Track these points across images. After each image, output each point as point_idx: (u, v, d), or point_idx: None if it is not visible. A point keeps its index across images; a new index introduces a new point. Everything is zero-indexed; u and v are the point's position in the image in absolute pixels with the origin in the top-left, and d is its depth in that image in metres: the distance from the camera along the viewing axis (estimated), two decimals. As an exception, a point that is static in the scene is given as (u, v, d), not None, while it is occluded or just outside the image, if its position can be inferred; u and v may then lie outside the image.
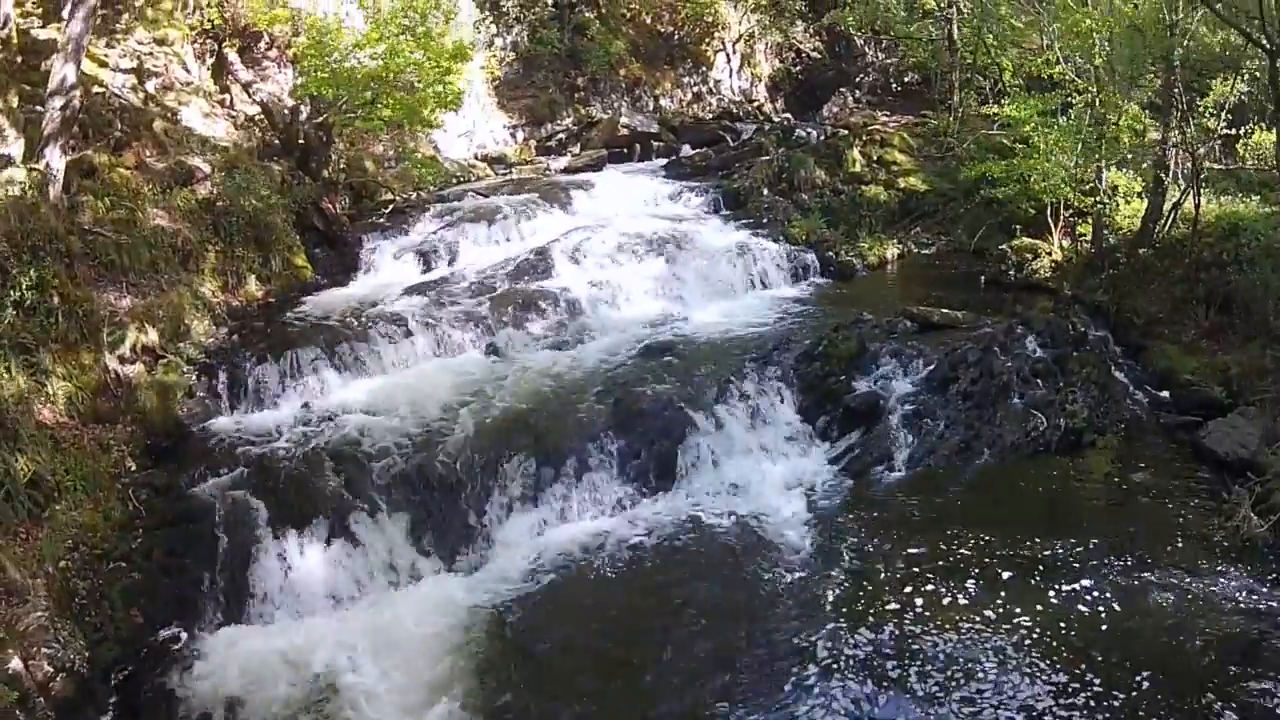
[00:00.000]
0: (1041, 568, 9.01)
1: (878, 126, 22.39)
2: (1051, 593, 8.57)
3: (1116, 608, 8.35)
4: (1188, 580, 8.84)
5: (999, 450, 10.99)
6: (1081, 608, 8.37)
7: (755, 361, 11.74)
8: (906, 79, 26.17)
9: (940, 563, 9.03)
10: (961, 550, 9.27)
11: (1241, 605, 8.38)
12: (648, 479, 10.32)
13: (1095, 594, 8.59)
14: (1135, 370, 13.52)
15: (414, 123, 16.50)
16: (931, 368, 11.80)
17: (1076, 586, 8.79)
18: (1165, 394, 12.72)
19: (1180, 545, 9.39)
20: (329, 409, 11.49)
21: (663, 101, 26.21)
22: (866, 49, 29.56)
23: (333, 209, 16.04)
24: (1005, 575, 8.84)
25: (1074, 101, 15.41)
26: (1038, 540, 9.38)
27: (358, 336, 12.72)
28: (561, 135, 23.13)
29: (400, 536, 9.64)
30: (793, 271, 15.57)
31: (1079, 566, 8.99)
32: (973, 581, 8.76)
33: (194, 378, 11.92)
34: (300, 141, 16.67)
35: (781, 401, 11.24)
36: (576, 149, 22.09)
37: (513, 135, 22.68)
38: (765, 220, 17.13)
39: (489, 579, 9.16)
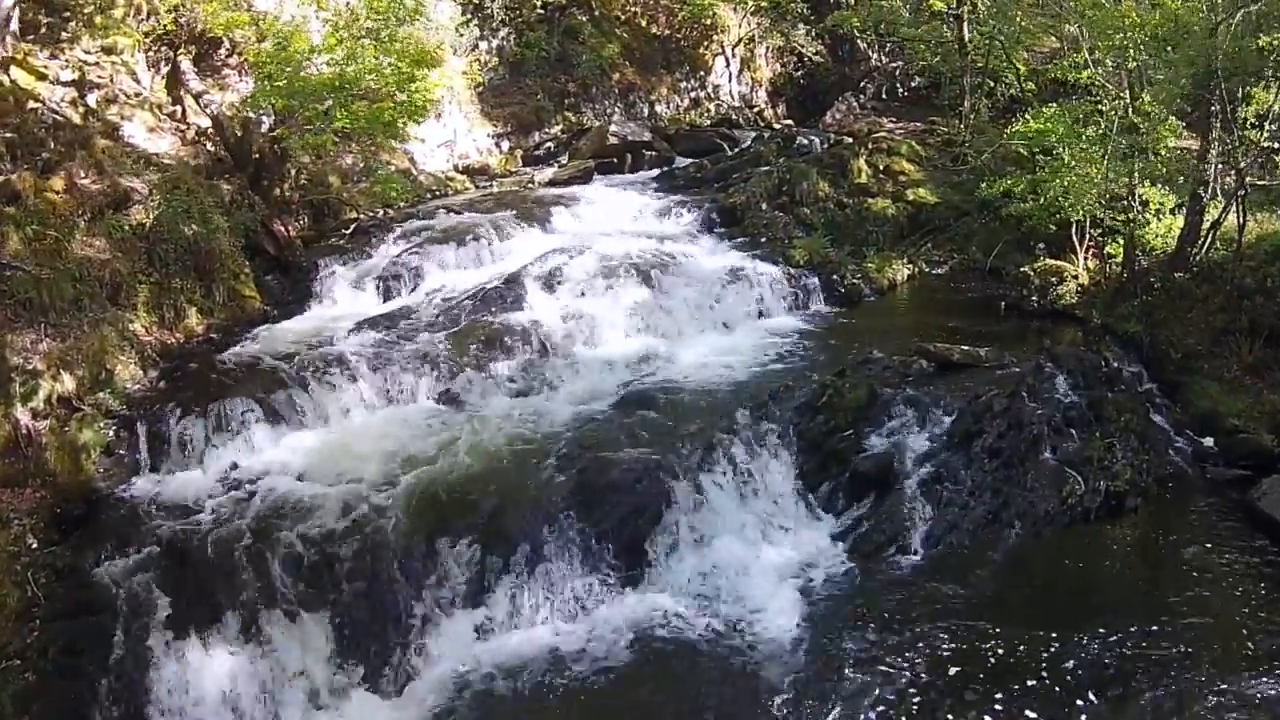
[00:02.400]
0: (1083, 677, 7.26)
1: (884, 134, 20.52)
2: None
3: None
4: (1257, 687, 7.08)
5: (1031, 521, 9.14)
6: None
7: (747, 415, 9.83)
8: (914, 83, 24.20)
9: (964, 677, 7.19)
10: (990, 659, 7.48)
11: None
12: (614, 569, 8.46)
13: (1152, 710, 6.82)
14: (1174, 411, 11.72)
15: (375, 134, 14.55)
16: (952, 419, 9.93)
17: (1128, 701, 6.98)
18: (1209, 441, 10.99)
19: (1245, 642, 7.66)
20: (257, 471, 9.78)
21: (658, 108, 24.29)
22: (871, 53, 27.58)
23: (284, 231, 14.21)
24: (1040, 689, 7.02)
25: (1104, 109, 13.40)
26: (1080, 640, 7.62)
27: (295, 382, 10.94)
28: (550, 144, 21.23)
29: (320, 641, 7.86)
30: (793, 298, 13.65)
31: (1130, 673, 7.28)
32: (1003, 700, 6.88)
33: (113, 432, 10.22)
34: (255, 157, 14.79)
35: (778, 465, 9.36)
36: (565, 159, 20.20)
37: (498, 145, 20.79)
38: (763, 239, 15.22)
39: (418, 700, 7.30)
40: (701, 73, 25.85)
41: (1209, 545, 9.14)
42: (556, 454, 9.25)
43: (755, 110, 26.49)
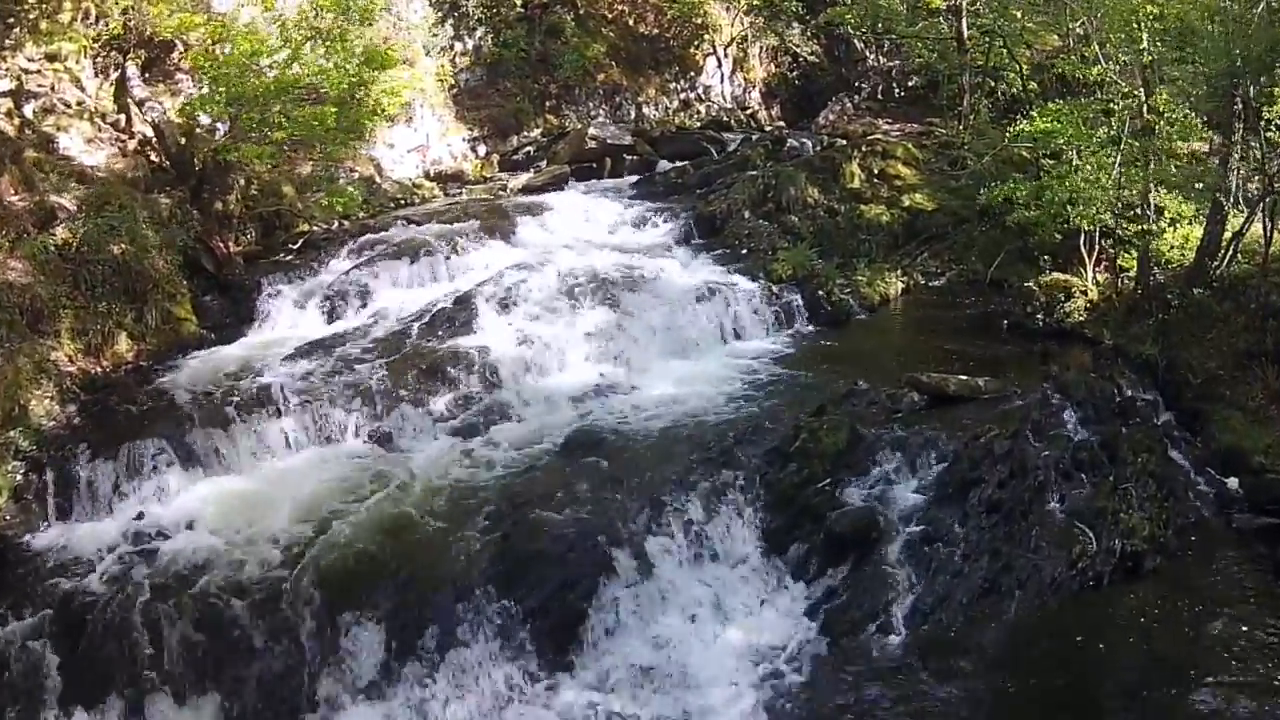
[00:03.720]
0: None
1: (879, 136, 19.13)
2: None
3: None
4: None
5: (1035, 589, 7.70)
6: None
7: (707, 464, 8.35)
8: (911, 83, 22.62)
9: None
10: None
11: None
12: (540, 656, 7.04)
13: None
14: (1194, 446, 10.24)
15: (326, 141, 13.15)
16: (946, 465, 8.45)
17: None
18: (1233, 483, 9.56)
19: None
20: (165, 522, 8.72)
21: (646, 109, 22.78)
22: (869, 52, 26.01)
23: (223, 248, 12.90)
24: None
25: (1116, 107, 11.88)
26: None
27: (214, 420, 9.74)
28: (530, 148, 19.77)
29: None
30: (774, 318, 12.18)
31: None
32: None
33: (21, 475, 9.20)
34: (198, 168, 13.43)
35: (740, 525, 7.90)
36: (545, 164, 18.73)
37: (473, 149, 19.34)
38: (745, 250, 13.77)
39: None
40: (692, 73, 24.33)
41: (1237, 614, 7.70)
42: (484, 512, 7.89)
43: (749, 112, 24.95)
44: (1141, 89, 11.70)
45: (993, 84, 18.05)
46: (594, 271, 11.98)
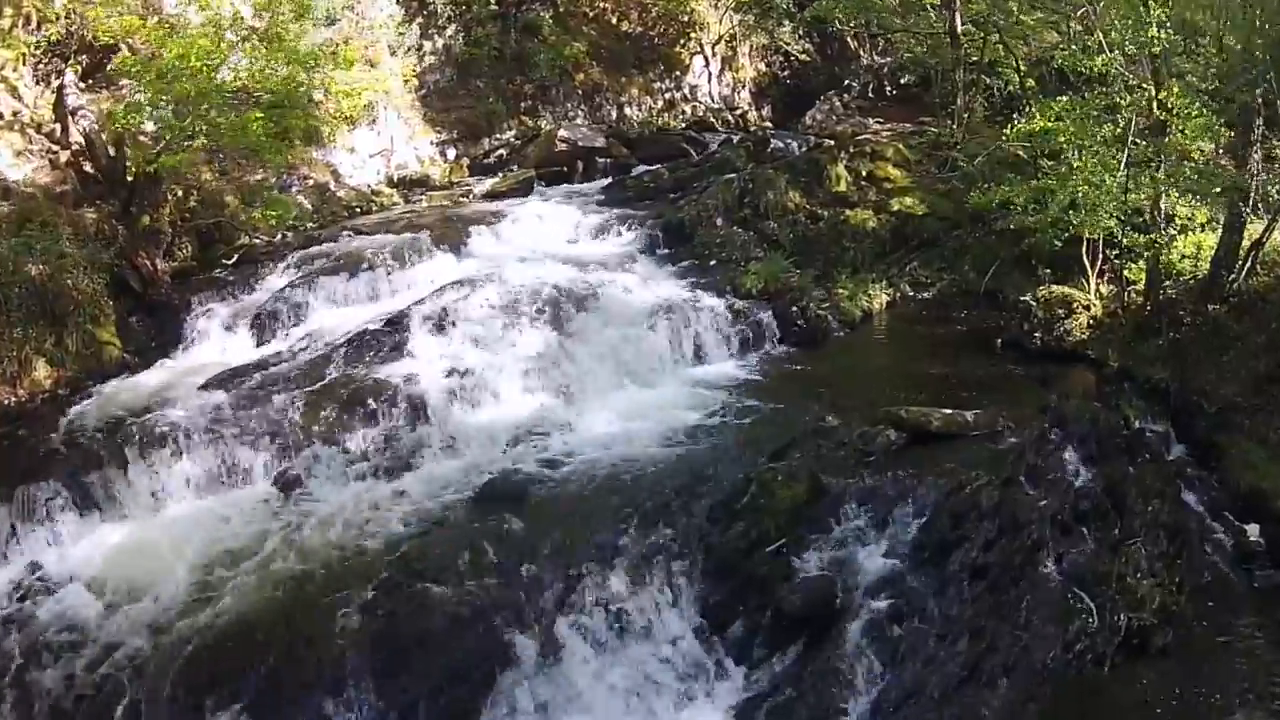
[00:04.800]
0: None
1: (868, 136, 17.73)
2: None
3: None
4: None
5: (1025, 674, 6.31)
6: None
7: (640, 522, 7.00)
8: (903, 81, 21.23)
9: None
10: None
11: None
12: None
13: None
14: (1209, 485, 8.95)
15: (253, 148, 11.87)
16: (923, 521, 7.09)
17: None
18: (1254, 531, 8.26)
19: None
20: (55, 575, 7.75)
21: (628, 110, 21.44)
22: (862, 51, 24.62)
23: (149, 265, 11.65)
24: None
25: (1123, 103, 10.46)
26: None
27: (114, 460, 8.60)
28: (503, 151, 18.47)
29: None
30: (740, 338, 10.82)
31: None
32: None
33: None
34: (129, 180, 12.20)
35: (673, 599, 6.54)
36: (516, 167, 17.41)
37: (442, 153, 18.03)
38: (714, 261, 12.43)
39: None
40: (677, 73, 22.99)
41: (1261, 696, 6.35)
42: (377, 579, 6.62)
43: (738, 113, 23.60)
44: (1152, 84, 10.28)
45: (988, 81, 16.67)
46: (543, 287, 10.64)
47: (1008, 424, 8.65)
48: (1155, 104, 10.14)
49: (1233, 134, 10.97)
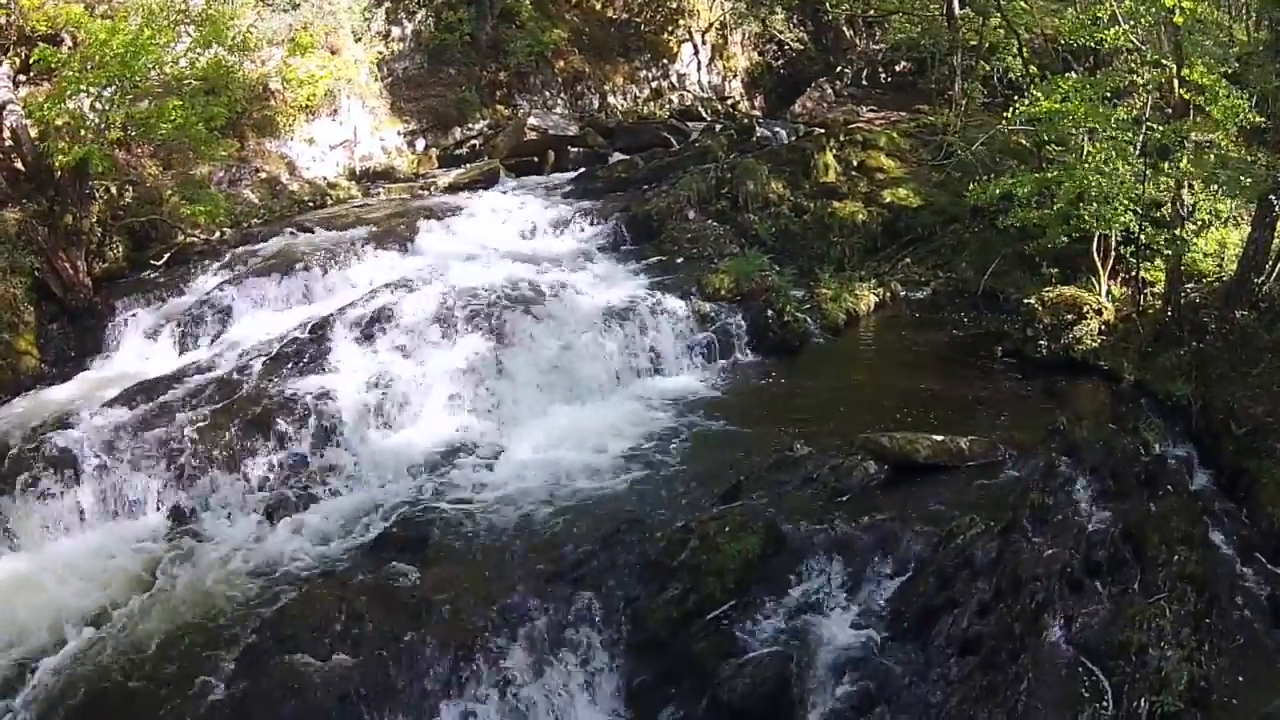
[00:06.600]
0: None
1: (860, 124, 16.36)
2: None
3: None
4: None
5: (1027, 779, 4.88)
6: None
7: (554, 582, 5.61)
8: (898, 67, 19.75)
9: None
10: None
11: None
12: None
13: None
14: (1238, 520, 7.57)
15: (172, 140, 10.50)
16: (904, 580, 5.69)
17: None
18: None
19: None
20: None
21: (612, 99, 19.96)
22: (858, 40, 23.11)
23: (68, 268, 10.34)
24: None
25: (1140, 81, 8.99)
26: None
27: (4, 486, 7.42)
28: (476, 141, 17.00)
29: None
30: (704, 346, 9.40)
31: None
32: None
33: None
34: (57, 177, 10.87)
35: (586, 683, 5.15)
36: (488, 158, 15.97)
37: (410, 144, 16.59)
38: (682, 258, 11.02)
39: None
40: (665, 61, 21.48)
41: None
42: (242, 645, 5.44)
43: (730, 102, 22.10)
44: (1172, 59, 8.80)
45: (987, 67, 15.16)
46: (487, 289, 9.26)
47: (1008, 452, 7.30)
48: (1177, 83, 8.67)
49: (1263, 119, 9.52)
